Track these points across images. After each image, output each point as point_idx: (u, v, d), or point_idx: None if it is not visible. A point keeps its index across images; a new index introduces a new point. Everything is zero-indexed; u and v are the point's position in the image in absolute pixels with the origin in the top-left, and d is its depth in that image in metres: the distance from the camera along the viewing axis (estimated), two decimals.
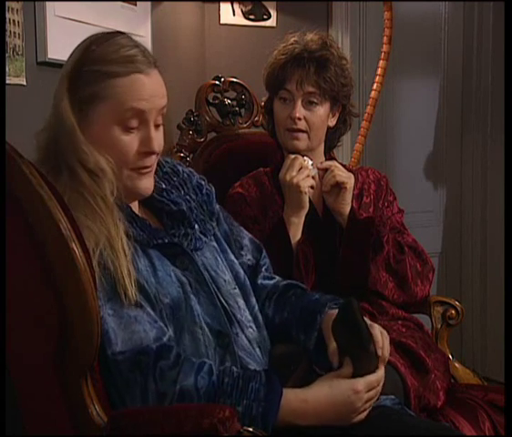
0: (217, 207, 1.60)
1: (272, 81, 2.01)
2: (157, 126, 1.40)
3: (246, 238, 1.65)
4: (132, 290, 1.29)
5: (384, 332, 1.41)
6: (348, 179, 1.94)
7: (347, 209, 1.95)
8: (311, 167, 1.94)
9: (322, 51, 1.97)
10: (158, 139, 1.41)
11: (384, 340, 1.39)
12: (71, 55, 1.40)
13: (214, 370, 1.28)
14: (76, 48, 1.40)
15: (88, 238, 1.26)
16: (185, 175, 1.57)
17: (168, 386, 1.25)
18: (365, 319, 1.35)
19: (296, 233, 1.93)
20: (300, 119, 1.95)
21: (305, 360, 1.40)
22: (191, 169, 1.61)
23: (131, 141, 1.37)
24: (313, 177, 1.95)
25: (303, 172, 1.92)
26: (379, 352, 1.36)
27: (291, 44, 1.99)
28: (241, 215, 1.98)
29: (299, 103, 1.96)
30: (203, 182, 1.59)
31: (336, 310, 1.41)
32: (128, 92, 1.34)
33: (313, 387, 1.33)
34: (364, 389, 1.32)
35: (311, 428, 1.32)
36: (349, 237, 1.93)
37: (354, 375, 1.33)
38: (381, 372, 1.37)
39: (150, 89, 1.37)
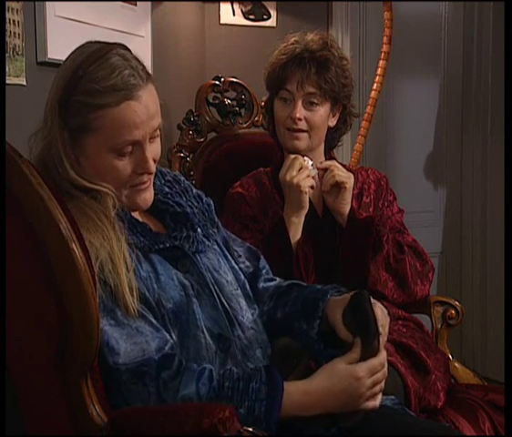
0: (216, 217, 1.61)
1: (273, 81, 2.01)
2: (152, 138, 1.39)
3: (242, 247, 1.66)
4: (134, 306, 1.29)
5: (385, 311, 1.42)
6: (348, 179, 1.94)
7: (347, 209, 1.95)
8: (311, 167, 1.94)
9: (323, 51, 1.96)
10: (154, 154, 1.40)
11: (384, 319, 1.40)
12: (59, 74, 1.37)
13: (214, 376, 1.28)
14: (64, 66, 1.37)
15: (90, 252, 1.26)
16: (186, 184, 1.59)
17: (170, 396, 1.26)
18: (374, 310, 1.36)
19: (296, 233, 1.93)
20: (300, 120, 1.95)
21: (307, 355, 1.40)
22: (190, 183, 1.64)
23: (126, 165, 1.37)
24: (313, 178, 1.95)
25: (303, 172, 1.92)
26: (380, 330, 1.35)
27: (292, 44, 1.99)
28: (241, 215, 1.98)
29: (299, 103, 1.95)
30: (202, 194, 1.61)
31: (339, 296, 1.44)
32: (119, 123, 1.32)
33: (314, 378, 1.32)
34: (366, 374, 1.32)
35: (311, 426, 1.32)
36: (349, 236, 1.93)
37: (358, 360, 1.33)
38: (383, 355, 1.36)
39: (142, 114, 1.34)
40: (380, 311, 1.39)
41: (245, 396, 1.26)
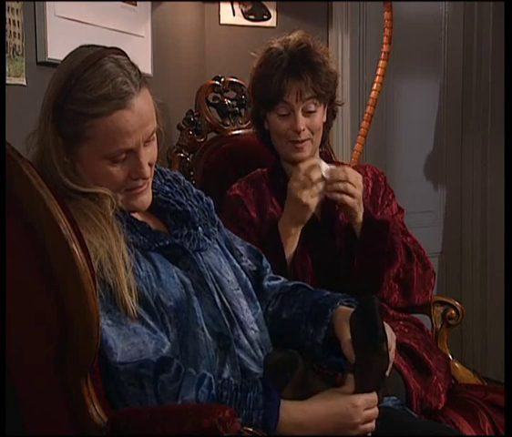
0: (216, 216, 1.61)
1: (267, 97, 1.94)
2: (148, 142, 1.39)
3: (244, 246, 1.66)
4: (133, 306, 1.29)
5: (394, 335, 1.42)
6: (354, 197, 1.86)
7: (358, 219, 1.89)
8: (325, 174, 1.85)
9: (313, 57, 1.93)
10: (149, 158, 1.40)
11: (392, 343, 1.40)
12: (53, 81, 1.37)
13: (213, 384, 1.29)
14: (57, 72, 1.37)
15: (89, 252, 1.26)
16: (186, 183, 1.59)
17: (169, 400, 1.26)
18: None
19: (293, 244, 1.88)
20: (303, 130, 1.93)
21: (301, 367, 1.40)
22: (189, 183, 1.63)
23: (120, 171, 1.37)
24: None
25: (315, 189, 1.85)
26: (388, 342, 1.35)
27: (278, 54, 1.93)
28: (238, 218, 1.96)
29: (299, 114, 1.91)
30: (202, 193, 1.61)
31: (348, 307, 1.44)
32: (112, 132, 1.32)
33: (312, 399, 1.33)
34: (363, 405, 1.32)
35: None
36: (362, 243, 1.88)
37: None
38: (374, 395, 1.36)
39: (135, 123, 1.33)
40: (388, 334, 1.38)
41: (243, 405, 1.26)
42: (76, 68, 1.33)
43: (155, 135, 1.41)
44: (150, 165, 1.41)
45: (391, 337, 1.40)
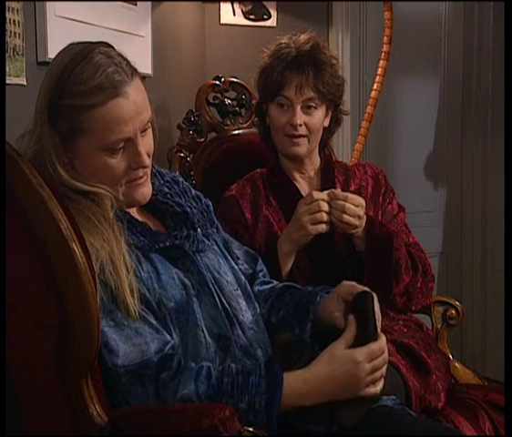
0: (215, 217, 1.62)
1: (269, 87, 1.96)
2: (144, 131, 1.39)
3: (241, 250, 1.67)
4: (135, 308, 1.29)
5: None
6: (357, 221, 1.83)
7: (360, 236, 1.87)
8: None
9: (319, 54, 1.94)
10: (147, 147, 1.40)
11: (379, 314, 1.41)
12: (45, 80, 1.37)
13: (213, 372, 1.28)
14: (49, 71, 1.37)
15: (90, 252, 1.26)
16: (184, 185, 1.60)
17: (169, 396, 1.26)
18: (376, 319, 1.36)
19: (290, 262, 1.87)
20: (301, 125, 1.93)
21: (308, 348, 1.40)
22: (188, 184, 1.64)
23: (120, 162, 1.37)
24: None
25: (319, 218, 1.82)
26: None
27: (285, 47, 1.95)
28: (233, 219, 1.96)
29: (298, 109, 1.92)
30: (201, 195, 1.62)
31: (329, 295, 1.46)
32: (109, 122, 1.32)
33: (313, 365, 1.33)
34: (365, 359, 1.32)
35: (312, 426, 1.32)
36: (368, 261, 1.87)
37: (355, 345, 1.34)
38: (383, 341, 1.36)
39: (131, 110, 1.34)
40: (377, 308, 1.40)
41: (245, 390, 1.26)
42: (67, 64, 1.34)
43: (150, 124, 1.41)
44: (148, 155, 1.41)
45: (378, 309, 1.39)
